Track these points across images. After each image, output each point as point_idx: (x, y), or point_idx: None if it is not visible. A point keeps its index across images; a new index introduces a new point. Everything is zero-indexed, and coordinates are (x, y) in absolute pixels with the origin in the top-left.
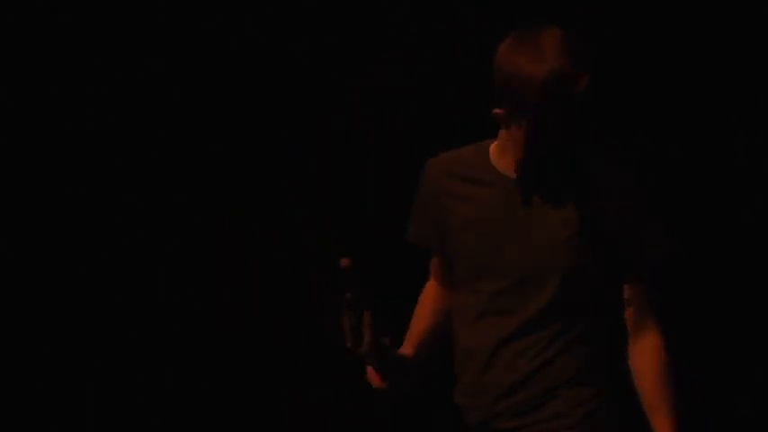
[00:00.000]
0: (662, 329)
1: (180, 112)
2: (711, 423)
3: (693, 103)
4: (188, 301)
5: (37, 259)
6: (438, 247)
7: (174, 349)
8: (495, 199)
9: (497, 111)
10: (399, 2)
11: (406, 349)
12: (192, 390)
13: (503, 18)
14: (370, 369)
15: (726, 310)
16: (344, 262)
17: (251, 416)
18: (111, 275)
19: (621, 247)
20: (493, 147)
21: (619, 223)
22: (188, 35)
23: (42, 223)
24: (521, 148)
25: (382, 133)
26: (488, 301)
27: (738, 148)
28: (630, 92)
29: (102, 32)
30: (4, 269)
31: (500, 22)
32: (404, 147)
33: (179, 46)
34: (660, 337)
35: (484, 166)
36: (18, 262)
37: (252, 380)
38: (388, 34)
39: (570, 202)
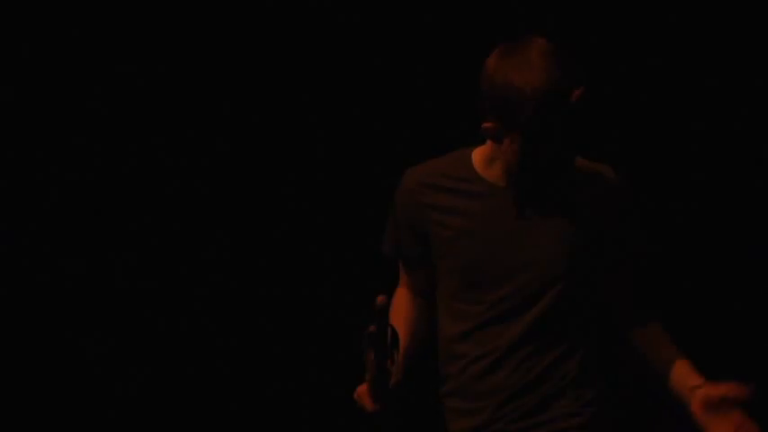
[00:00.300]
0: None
1: (180, 111)
2: None
3: (693, 103)
4: (188, 300)
5: (37, 259)
6: (419, 259)
7: (174, 349)
8: (489, 209)
9: (488, 125)
10: (400, 2)
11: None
12: (192, 390)
13: (502, 18)
14: (361, 392)
15: (726, 310)
16: (380, 299)
17: (251, 416)
18: (111, 275)
19: (612, 246)
20: (477, 156)
21: (611, 224)
22: (188, 35)
23: (42, 223)
24: (515, 160)
25: (382, 133)
26: (489, 309)
27: (738, 147)
28: (628, 92)
29: (102, 32)
30: (4, 269)
31: (499, 22)
32: (403, 147)
33: (179, 46)
34: (658, 320)
35: (471, 177)
36: (18, 262)
37: (252, 380)
38: (388, 34)
39: (565, 206)
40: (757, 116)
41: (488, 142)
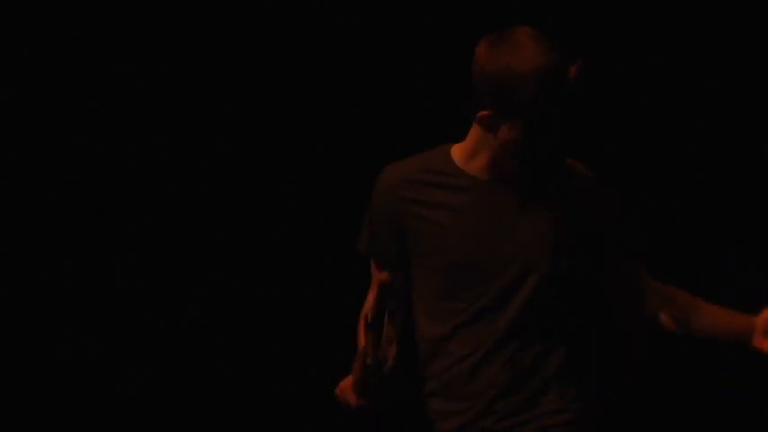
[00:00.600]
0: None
1: (180, 111)
2: (712, 423)
3: (693, 103)
4: (188, 300)
5: (37, 259)
6: (396, 257)
7: (174, 349)
8: (473, 203)
9: (483, 113)
10: (400, 2)
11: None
12: (192, 390)
13: (502, 18)
14: (344, 387)
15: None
16: (384, 276)
17: (251, 416)
18: (111, 275)
19: (604, 242)
20: (457, 151)
21: (603, 222)
22: (188, 35)
23: (42, 223)
24: (512, 148)
25: (382, 133)
26: (474, 305)
27: (738, 147)
28: (628, 92)
29: (102, 32)
30: (4, 269)
31: (499, 22)
32: (403, 147)
33: (179, 46)
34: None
35: (452, 172)
36: (18, 262)
37: (252, 380)
38: (388, 34)
39: (550, 201)
40: (757, 116)
41: (470, 136)
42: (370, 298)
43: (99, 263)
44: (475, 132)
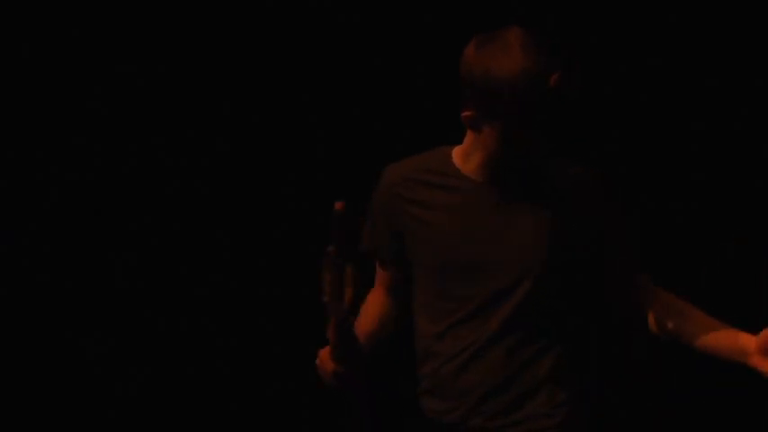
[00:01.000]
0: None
1: (180, 111)
2: (712, 423)
3: (693, 103)
4: (188, 300)
5: (37, 259)
6: (394, 256)
7: (174, 349)
8: (469, 204)
9: (467, 113)
10: (400, 2)
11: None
12: (192, 390)
13: (502, 18)
14: (324, 355)
15: (726, 310)
16: (338, 205)
17: (251, 416)
18: (111, 275)
19: (603, 241)
20: (457, 151)
21: (599, 222)
22: (188, 35)
23: (42, 223)
24: (494, 149)
25: (382, 133)
26: (467, 304)
27: (738, 147)
28: (628, 92)
29: (102, 32)
30: (4, 269)
31: (499, 22)
32: (403, 146)
33: (179, 46)
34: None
35: (450, 172)
36: (18, 262)
37: (252, 380)
38: (388, 34)
39: (546, 202)
40: (757, 116)
41: (467, 138)
42: (368, 297)
43: (99, 263)
44: (470, 133)
